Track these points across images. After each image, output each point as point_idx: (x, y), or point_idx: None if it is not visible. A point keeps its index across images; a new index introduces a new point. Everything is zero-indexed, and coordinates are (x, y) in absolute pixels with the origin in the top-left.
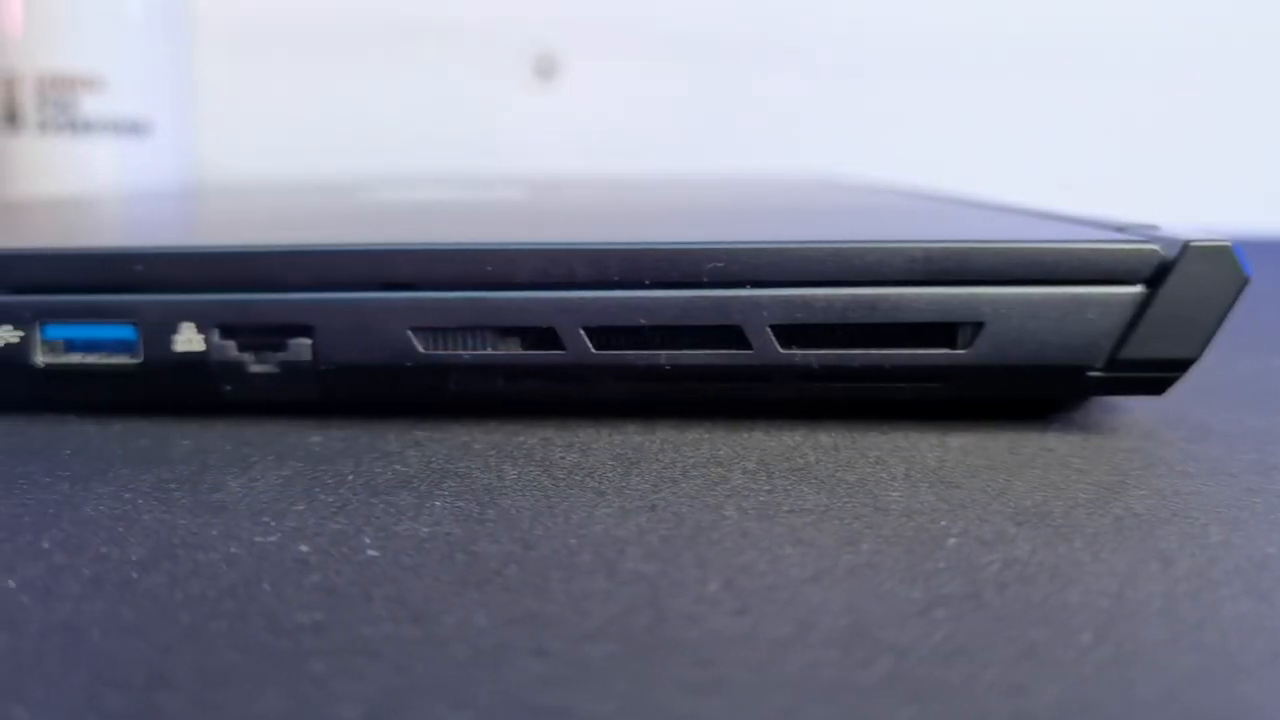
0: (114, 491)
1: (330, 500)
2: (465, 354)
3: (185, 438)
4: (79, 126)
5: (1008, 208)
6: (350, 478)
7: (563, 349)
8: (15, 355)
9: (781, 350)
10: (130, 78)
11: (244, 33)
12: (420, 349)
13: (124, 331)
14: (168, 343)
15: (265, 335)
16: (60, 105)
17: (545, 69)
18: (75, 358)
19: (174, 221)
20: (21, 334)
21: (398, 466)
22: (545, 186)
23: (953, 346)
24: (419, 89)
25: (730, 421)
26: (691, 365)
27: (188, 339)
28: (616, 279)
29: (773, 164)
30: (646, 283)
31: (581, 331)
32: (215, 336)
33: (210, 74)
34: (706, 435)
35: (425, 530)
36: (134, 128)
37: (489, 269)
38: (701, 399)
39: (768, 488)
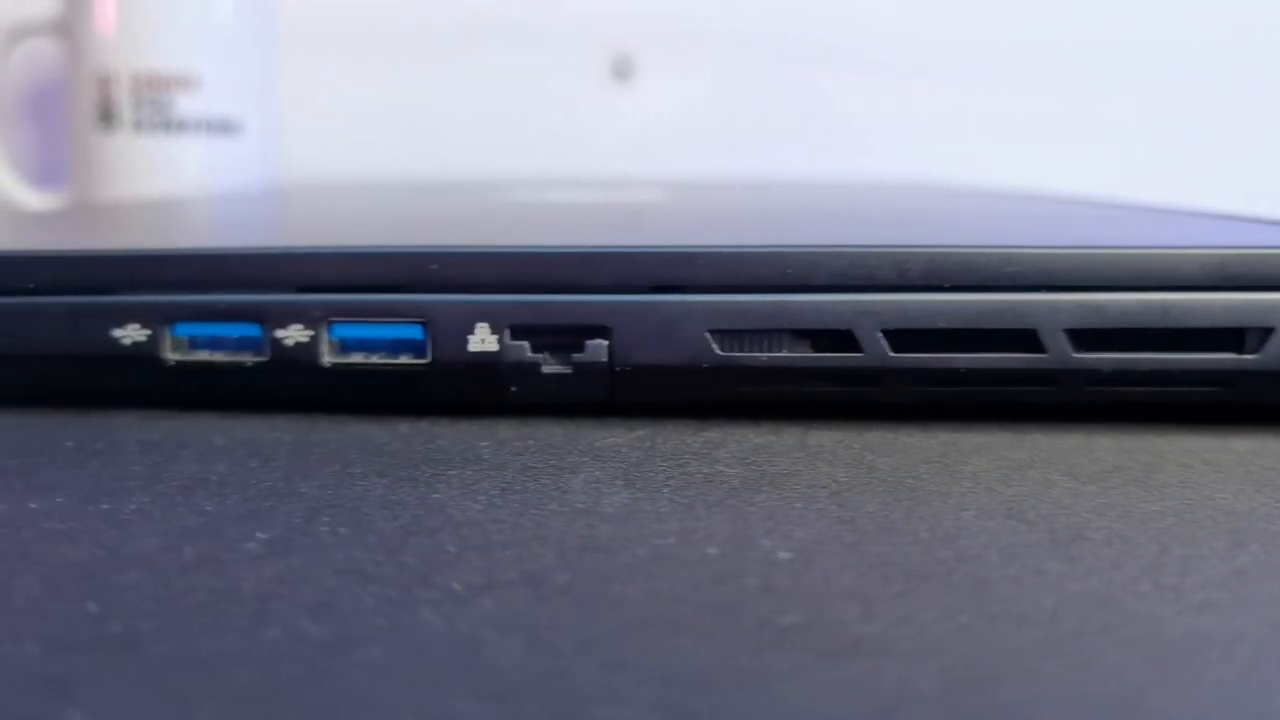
0: (458, 493)
1: (689, 501)
2: (762, 356)
3: (481, 439)
4: (172, 126)
5: (1200, 212)
6: (698, 478)
7: (860, 351)
8: (304, 354)
9: (1074, 354)
10: (222, 77)
11: (320, 33)
12: (718, 351)
13: (413, 331)
14: (460, 343)
15: (561, 336)
16: (155, 104)
17: (622, 70)
18: (358, 358)
19: (398, 221)
20: (311, 333)
21: (719, 467)
22: (679, 188)
23: (1239, 351)
24: (496, 90)
25: (997, 424)
26: (985, 368)
27: (481, 339)
28: (917, 282)
29: (853, 166)
30: (945, 286)
31: (880, 334)
32: (507, 337)
33: (288, 74)
34: (989, 439)
35: (812, 533)
36: (225, 127)
37: (789, 271)
38: (987, 402)
39: (1094, 490)
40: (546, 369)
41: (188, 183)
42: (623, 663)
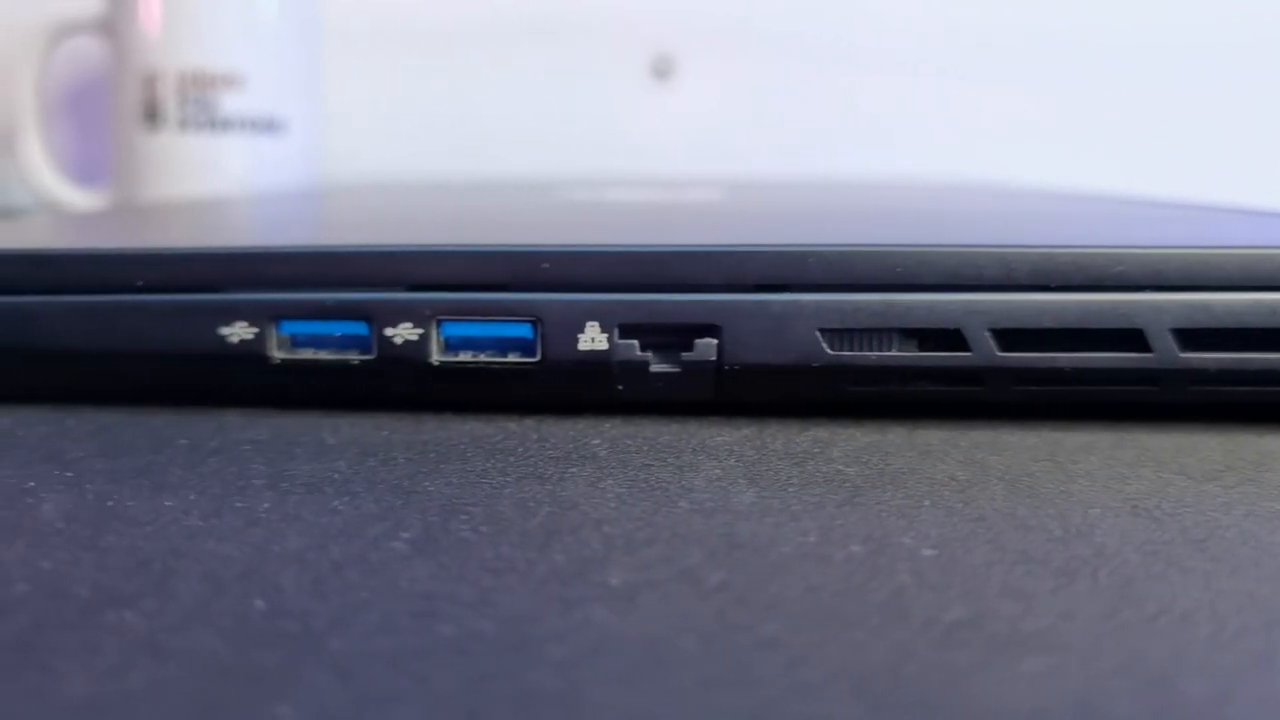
0: (586, 490)
1: (817, 499)
2: (872, 355)
3: (590, 437)
4: (217, 124)
5: (1259, 210)
6: (819, 476)
7: (968, 350)
8: (413, 353)
9: (1180, 354)
10: (267, 76)
11: (359, 32)
12: (827, 350)
13: (522, 330)
14: (570, 342)
15: (671, 335)
16: (200, 103)
17: (662, 70)
18: (466, 356)
19: (486, 220)
20: (421, 332)
21: (836, 466)
22: (736, 188)
23: None
24: (535, 89)
25: (1095, 423)
26: (1090, 368)
27: (591, 338)
28: (1025, 281)
29: (893, 166)
30: (1052, 285)
31: (988, 333)
32: (617, 336)
33: (327, 72)
34: (1091, 438)
35: (947, 530)
36: (270, 126)
37: (899, 270)
38: (1088, 401)
39: (1214, 489)
40: (655, 368)
41: (232, 182)
42: (805, 659)
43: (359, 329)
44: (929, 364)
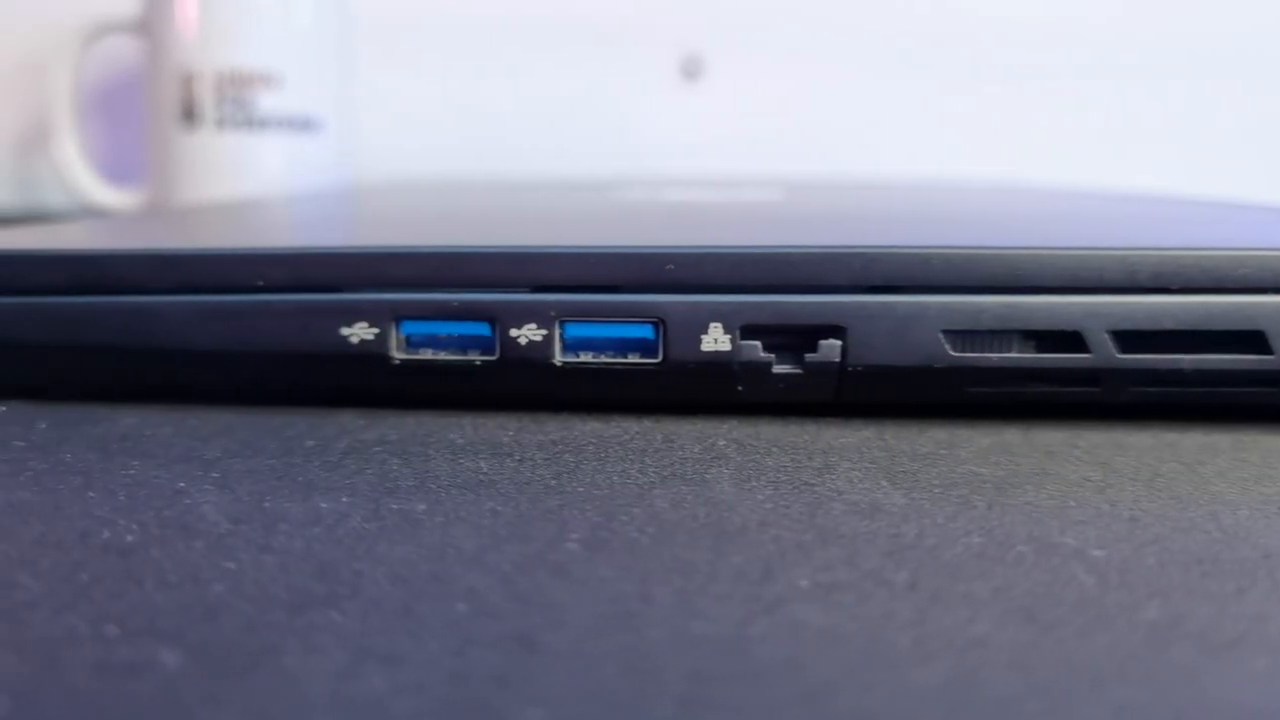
0: (735, 491)
1: (963, 499)
2: (993, 356)
3: (716, 438)
4: (254, 124)
5: None
6: (957, 477)
7: (1088, 352)
8: (536, 354)
9: None
10: (304, 75)
11: (388, 31)
12: (950, 351)
13: (645, 331)
14: (693, 343)
15: (795, 336)
16: (238, 102)
17: (691, 70)
18: (587, 357)
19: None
20: (544, 333)
21: (969, 467)
22: (796, 188)
23: None
24: (565, 89)
25: (1208, 424)
26: (1209, 370)
27: (714, 339)
28: (1146, 284)
29: (922, 167)
30: (1174, 288)
31: (1108, 335)
32: (739, 337)
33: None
34: (1209, 439)
35: (1105, 530)
36: (305, 125)
37: (1021, 272)
38: (1208, 403)
39: None
40: (777, 369)
41: (267, 181)
42: (1027, 661)
43: (481, 329)
44: (1048, 365)
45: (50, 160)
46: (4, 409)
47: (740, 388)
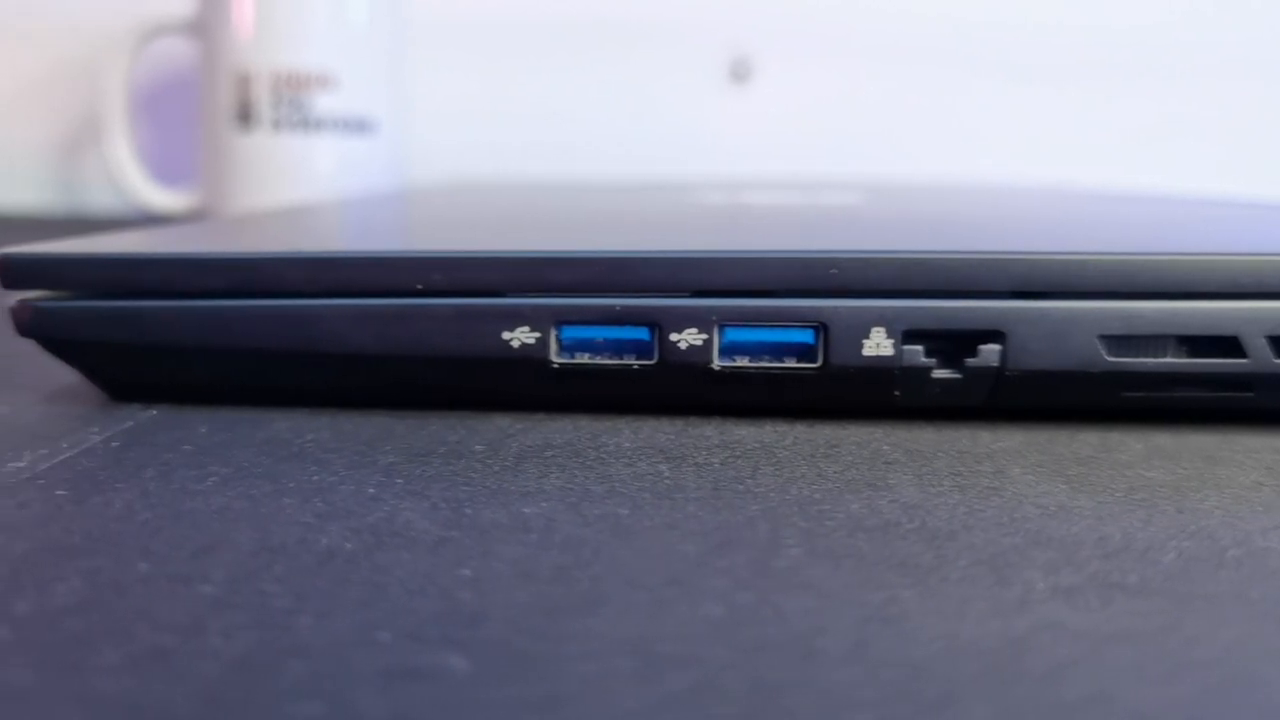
0: (918, 491)
1: (1146, 502)
2: (1149, 361)
3: (877, 441)
4: (310, 124)
5: None
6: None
7: (1244, 357)
8: (695, 358)
9: None
10: (359, 76)
11: (437, 32)
12: (1106, 356)
13: (804, 335)
14: (855, 348)
15: (956, 341)
16: (294, 104)
17: (740, 72)
18: (744, 361)
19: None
20: (705, 337)
21: (1138, 471)
22: (873, 191)
23: None
24: (613, 91)
25: None
26: None
27: (876, 344)
28: None
29: (976, 169)
30: None
31: (1265, 340)
32: (900, 341)
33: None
34: None
35: None
36: (360, 126)
37: (1178, 278)
38: None
39: None
40: (936, 374)
41: (322, 182)
42: None
43: (640, 334)
44: (1204, 370)
45: (102, 162)
46: (155, 413)
47: (897, 392)
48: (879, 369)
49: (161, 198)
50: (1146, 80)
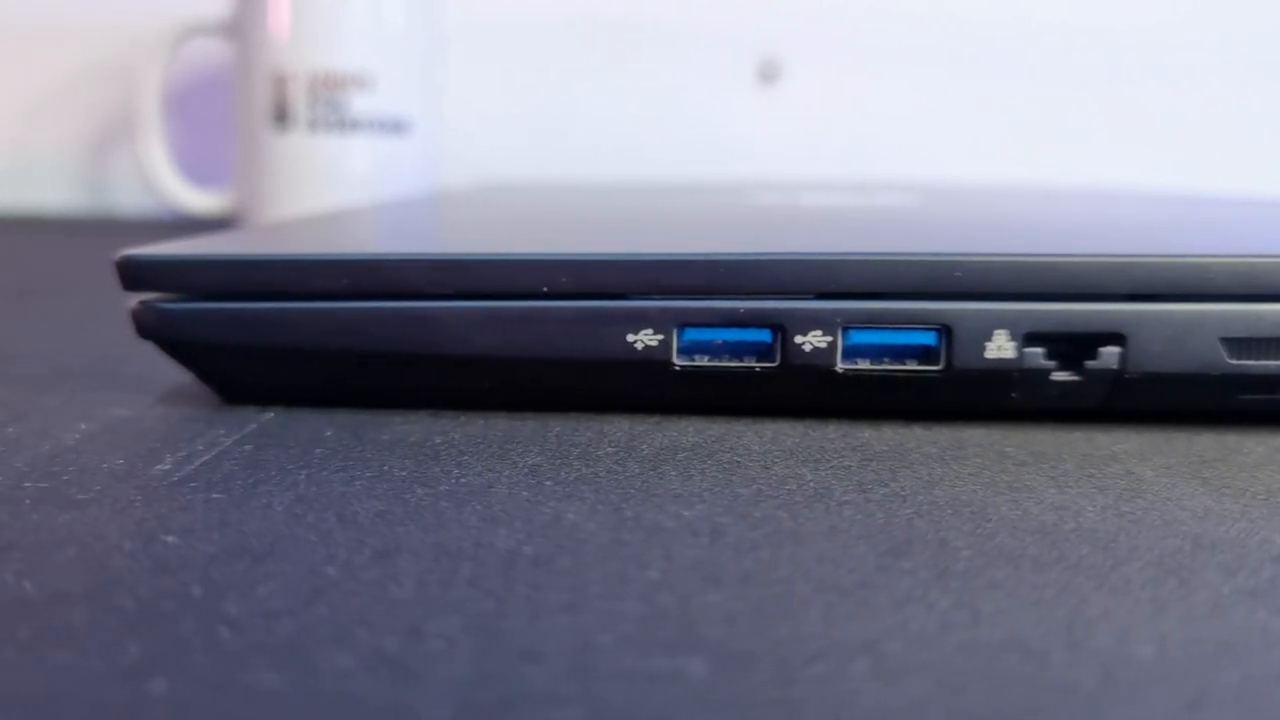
0: (1051, 492)
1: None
2: (1271, 364)
3: (1001, 443)
4: (346, 125)
5: None
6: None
7: None
8: (819, 361)
9: None
10: (395, 77)
11: (467, 33)
12: (1227, 359)
13: (927, 338)
14: (977, 350)
15: (1076, 344)
16: (331, 104)
17: (769, 74)
18: (865, 364)
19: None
20: (829, 340)
21: (1259, 474)
22: (929, 193)
23: None
24: (642, 92)
25: None
26: None
27: (999, 346)
28: None
29: (1001, 173)
30: None
31: None
32: (1022, 344)
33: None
34: None
35: None
36: (396, 126)
37: None
38: None
39: None
40: (1055, 376)
41: (357, 183)
42: None
43: (763, 336)
44: None
45: (133, 162)
46: (272, 415)
47: (1014, 394)
48: (1000, 371)
49: (195, 199)
50: (1187, 81)
